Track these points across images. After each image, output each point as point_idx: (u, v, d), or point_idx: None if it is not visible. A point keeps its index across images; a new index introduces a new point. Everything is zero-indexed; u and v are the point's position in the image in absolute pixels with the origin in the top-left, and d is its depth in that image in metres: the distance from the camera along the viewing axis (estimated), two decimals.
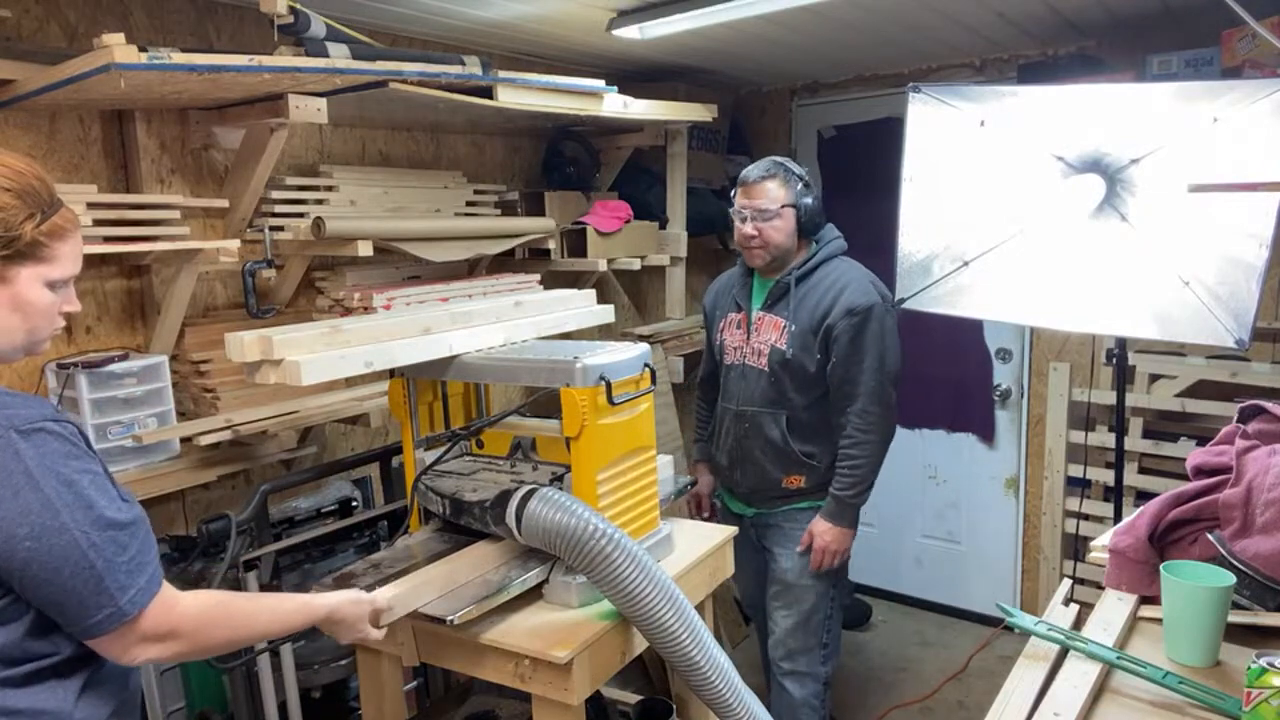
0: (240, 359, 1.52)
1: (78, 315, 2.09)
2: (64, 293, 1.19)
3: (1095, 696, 1.21)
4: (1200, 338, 1.80)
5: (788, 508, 2.39)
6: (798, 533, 2.37)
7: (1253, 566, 1.34)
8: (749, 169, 2.34)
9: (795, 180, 2.30)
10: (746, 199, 2.30)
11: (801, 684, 2.43)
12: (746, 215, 2.29)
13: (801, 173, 2.33)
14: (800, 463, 2.34)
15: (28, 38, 1.98)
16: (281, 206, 2.36)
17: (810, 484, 2.36)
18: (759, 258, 2.32)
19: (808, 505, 2.38)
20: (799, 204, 2.29)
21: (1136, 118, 1.87)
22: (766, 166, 2.31)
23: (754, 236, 2.29)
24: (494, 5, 2.41)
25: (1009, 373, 3.62)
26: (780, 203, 2.27)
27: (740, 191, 2.32)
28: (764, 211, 2.27)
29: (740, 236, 2.32)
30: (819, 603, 2.40)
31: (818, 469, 2.35)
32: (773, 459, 2.35)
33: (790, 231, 2.30)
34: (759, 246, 2.30)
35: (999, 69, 3.41)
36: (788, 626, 2.41)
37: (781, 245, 2.30)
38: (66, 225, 1.16)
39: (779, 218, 2.27)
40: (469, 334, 1.80)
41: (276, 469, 2.44)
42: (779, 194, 2.27)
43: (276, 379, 1.50)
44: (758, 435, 2.35)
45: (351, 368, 1.56)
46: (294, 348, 1.50)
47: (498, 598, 1.58)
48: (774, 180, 2.28)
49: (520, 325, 1.94)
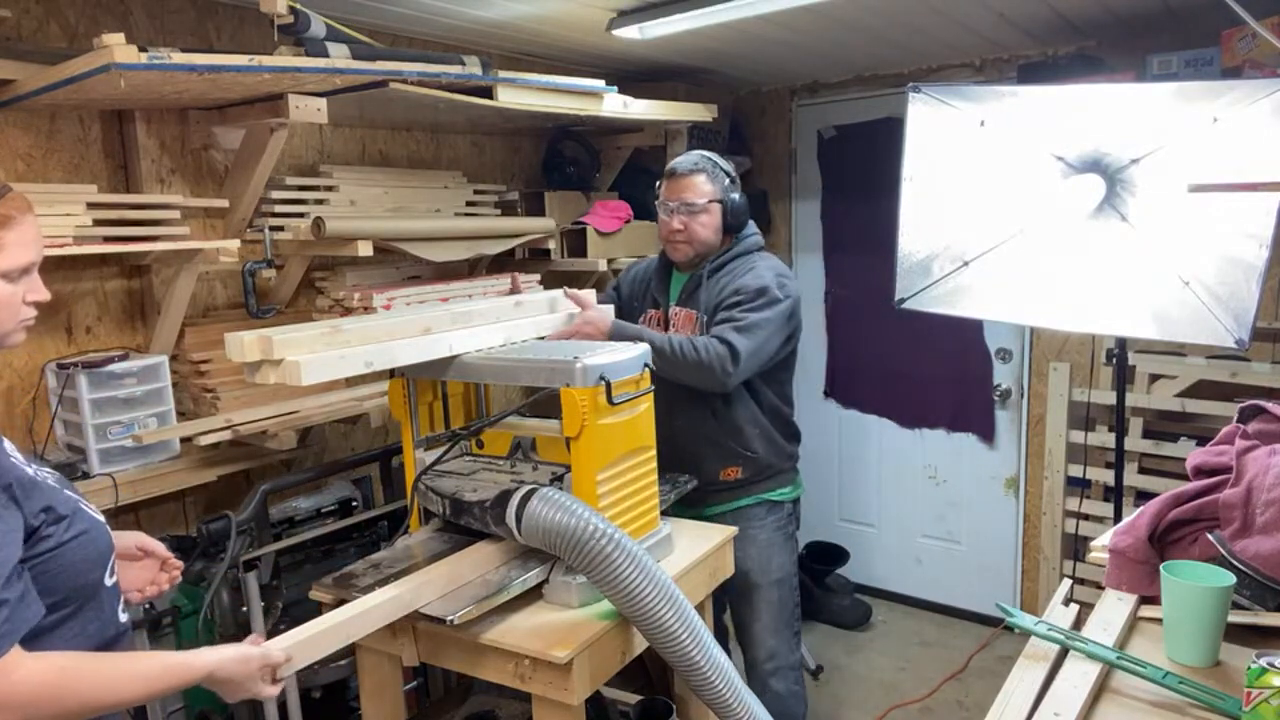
0: (240, 359, 1.51)
1: (74, 314, 2.10)
2: (26, 282, 1.15)
3: (1095, 696, 1.21)
4: (1200, 338, 1.80)
5: (733, 505, 2.34)
6: (752, 531, 2.32)
7: (1253, 566, 1.34)
8: (677, 161, 2.31)
9: (723, 176, 2.28)
10: (673, 192, 2.27)
11: (785, 678, 2.42)
12: (673, 208, 2.26)
13: (729, 168, 2.31)
14: (735, 453, 2.29)
15: (28, 38, 1.98)
16: (281, 206, 2.36)
17: (748, 474, 2.31)
18: (682, 252, 2.30)
19: (752, 500, 2.34)
20: (726, 199, 2.26)
21: (1136, 118, 1.87)
22: (695, 160, 2.28)
23: (679, 230, 2.26)
24: (494, 5, 2.41)
25: (1009, 373, 3.62)
26: (707, 197, 2.24)
27: (667, 184, 2.29)
28: (690, 205, 2.24)
29: (665, 230, 2.30)
30: (788, 594, 2.39)
31: (752, 458, 2.30)
32: (706, 452, 2.29)
33: (716, 227, 2.27)
34: (683, 241, 2.27)
35: (999, 69, 3.41)
36: (766, 626, 2.38)
37: (707, 241, 2.27)
38: (11, 213, 1.12)
39: (706, 213, 2.25)
40: (469, 334, 1.80)
41: (276, 469, 2.45)
42: (707, 189, 2.25)
43: (276, 379, 1.49)
44: (690, 430, 2.29)
45: (351, 368, 1.56)
46: (294, 348, 1.50)
47: (498, 598, 1.58)
48: (702, 174, 2.25)
49: (520, 325, 1.94)
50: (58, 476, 1.22)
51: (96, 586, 1.18)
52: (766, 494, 2.36)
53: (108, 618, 1.20)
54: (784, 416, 2.38)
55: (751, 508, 2.34)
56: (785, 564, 2.39)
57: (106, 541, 1.20)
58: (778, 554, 2.37)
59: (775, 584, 2.36)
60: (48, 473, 1.19)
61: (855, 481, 4.09)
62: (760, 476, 2.33)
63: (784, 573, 2.38)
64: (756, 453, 2.30)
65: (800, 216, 4.01)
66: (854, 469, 4.08)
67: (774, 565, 2.36)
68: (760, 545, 2.35)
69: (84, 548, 1.14)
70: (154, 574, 1.42)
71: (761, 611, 2.37)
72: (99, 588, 1.18)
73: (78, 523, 1.15)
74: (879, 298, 2.30)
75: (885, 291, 2.27)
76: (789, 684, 2.42)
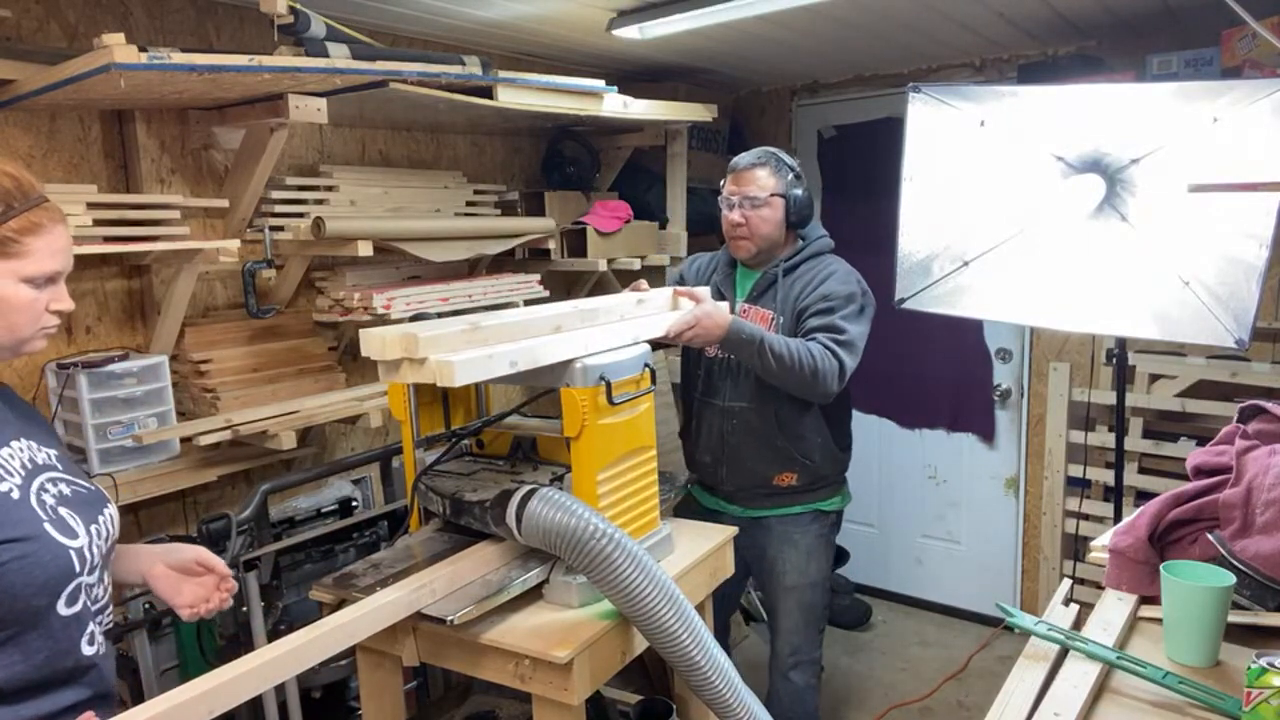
0: (380, 357, 1.46)
1: (74, 314, 2.10)
2: (51, 290, 1.16)
3: (1095, 696, 1.21)
4: (1200, 338, 1.80)
5: (782, 511, 2.34)
6: (796, 536, 2.33)
7: (1253, 566, 1.34)
8: (740, 156, 2.29)
9: (786, 170, 2.26)
10: (736, 185, 2.25)
11: (805, 671, 2.44)
12: (735, 202, 2.24)
13: (793, 164, 2.29)
14: (792, 459, 2.27)
15: (28, 38, 1.98)
16: (281, 206, 2.36)
17: (802, 482, 2.30)
18: (745, 249, 2.28)
19: (801, 509, 2.33)
20: (789, 194, 2.24)
21: (1136, 118, 1.87)
22: (758, 154, 2.26)
23: (741, 224, 2.24)
24: (494, 5, 2.41)
25: (1009, 373, 3.62)
26: (770, 191, 2.22)
27: (730, 178, 2.28)
28: (753, 199, 2.22)
29: (727, 224, 2.28)
30: (820, 597, 2.40)
31: (810, 466, 2.28)
32: (764, 456, 2.28)
33: (778, 222, 2.24)
34: (745, 236, 2.25)
35: (999, 69, 3.41)
36: (796, 624, 2.40)
37: (769, 236, 2.25)
38: (42, 221, 1.13)
39: (767, 206, 2.22)
40: (599, 332, 1.73)
41: (276, 469, 2.45)
42: (769, 182, 2.23)
43: (418, 379, 1.43)
44: (747, 431, 2.28)
45: (499, 367, 1.48)
46: (438, 346, 1.44)
47: (498, 598, 1.58)
48: (764, 168, 2.23)
49: (646, 322, 1.87)
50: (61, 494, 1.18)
51: (40, 613, 1.12)
52: (817, 503, 2.35)
53: (62, 648, 1.15)
54: (844, 427, 2.38)
55: (799, 515, 2.34)
56: (823, 569, 2.40)
57: (61, 568, 1.13)
58: (816, 560, 2.37)
59: (810, 587, 2.38)
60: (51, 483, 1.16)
61: (855, 481, 4.02)
62: (814, 485, 2.33)
63: (820, 576, 2.40)
64: (814, 461, 2.29)
65: None
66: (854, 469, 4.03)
67: (812, 569, 2.37)
68: (802, 551, 2.35)
69: (21, 572, 1.08)
70: (210, 591, 1.38)
71: (794, 611, 2.39)
72: (46, 614, 1.13)
73: (22, 546, 1.09)
74: (879, 298, 2.30)
75: (885, 291, 2.27)
76: (807, 677, 2.45)
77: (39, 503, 1.15)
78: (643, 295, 2.02)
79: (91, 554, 1.18)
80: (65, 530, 1.16)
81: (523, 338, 1.60)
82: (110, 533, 1.24)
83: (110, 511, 1.26)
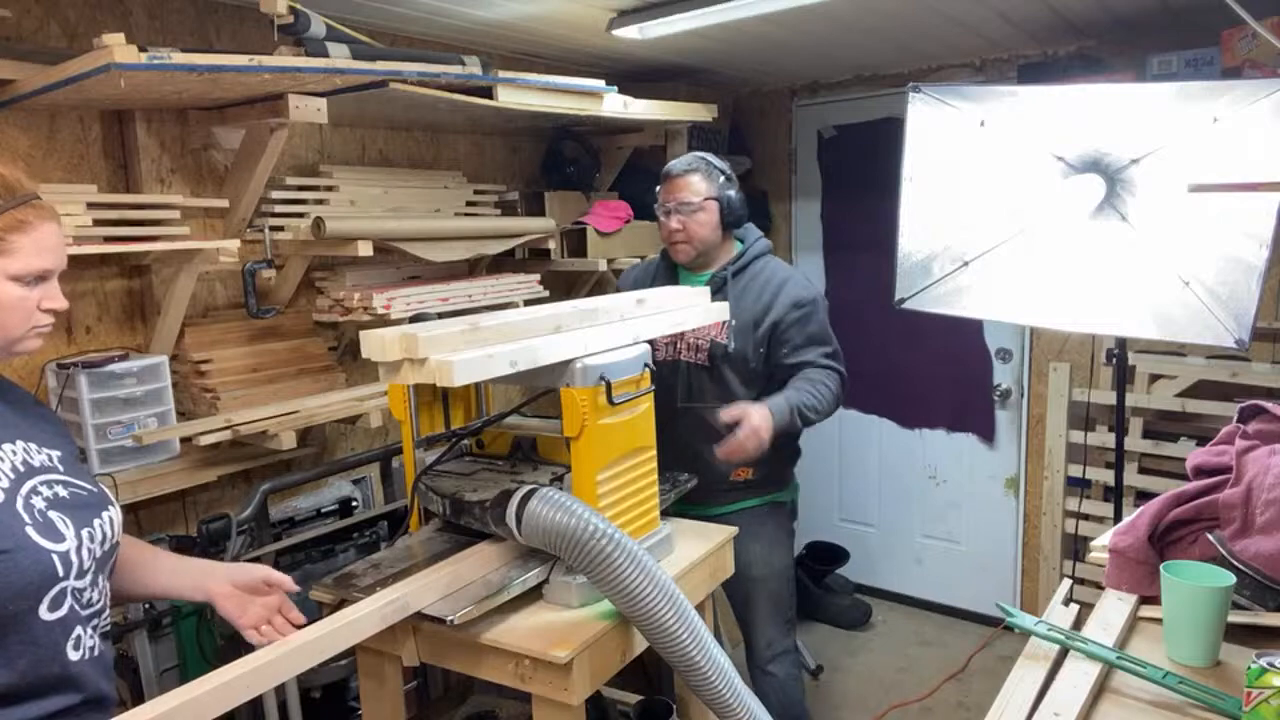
0: (380, 358, 1.46)
1: (74, 314, 2.10)
2: (43, 288, 1.15)
3: (1095, 696, 1.21)
4: (1200, 338, 1.80)
5: (740, 506, 2.38)
6: (757, 528, 2.36)
7: (1253, 566, 1.34)
8: (672, 163, 2.35)
9: (718, 174, 2.31)
10: (670, 193, 2.31)
11: (784, 662, 2.48)
12: (670, 208, 2.30)
13: (724, 166, 2.34)
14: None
15: (28, 38, 1.98)
16: (281, 206, 2.36)
17: (759, 475, 2.35)
18: (684, 253, 2.33)
19: (758, 502, 2.39)
20: (722, 197, 2.29)
21: (1136, 118, 1.87)
22: (689, 161, 2.32)
23: (679, 230, 2.29)
24: (494, 5, 2.41)
25: (1009, 373, 3.62)
26: (703, 195, 2.28)
27: (664, 186, 2.33)
28: (688, 204, 2.27)
29: (665, 231, 2.33)
30: (786, 586, 2.45)
31: (764, 460, 2.29)
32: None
33: (714, 225, 2.30)
34: (683, 241, 2.30)
35: (999, 69, 3.41)
36: (766, 616, 2.44)
37: (706, 239, 2.30)
38: (29, 219, 1.12)
39: (702, 211, 2.28)
40: (599, 332, 1.74)
41: (276, 469, 2.44)
42: (702, 187, 2.28)
43: (418, 379, 1.44)
44: (704, 430, 2.26)
45: (499, 367, 1.49)
46: (438, 346, 1.45)
47: (498, 598, 1.58)
48: (697, 174, 2.29)
49: (646, 323, 1.88)
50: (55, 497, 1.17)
51: (20, 618, 1.10)
52: (772, 495, 2.42)
53: (45, 654, 1.13)
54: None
55: (757, 508, 2.40)
56: (786, 559, 2.47)
57: (42, 573, 1.11)
58: (779, 550, 2.44)
59: (776, 577, 2.43)
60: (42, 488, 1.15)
61: (855, 481, 4.09)
62: (770, 478, 2.39)
63: (784, 566, 2.46)
64: (767, 456, 2.29)
65: (800, 216, 4.01)
66: (854, 469, 4.08)
67: (776, 559, 2.43)
68: (765, 542, 2.40)
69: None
70: (272, 614, 1.41)
71: (763, 603, 2.43)
72: (26, 619, 1.10)
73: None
74: (879, 298, 2.31)
75: (885, 291, 2.27)
76: (788, 668, 2.50)
77: (26, 507, 1.13)
78: (643, 295, 2.03)
79: (80, 557, 1.16)
80: (50, 534, 1.13)
81: (522, 338, 1.60)
82: (109, 535, 1.23)
83: (110, 514, 1.25)
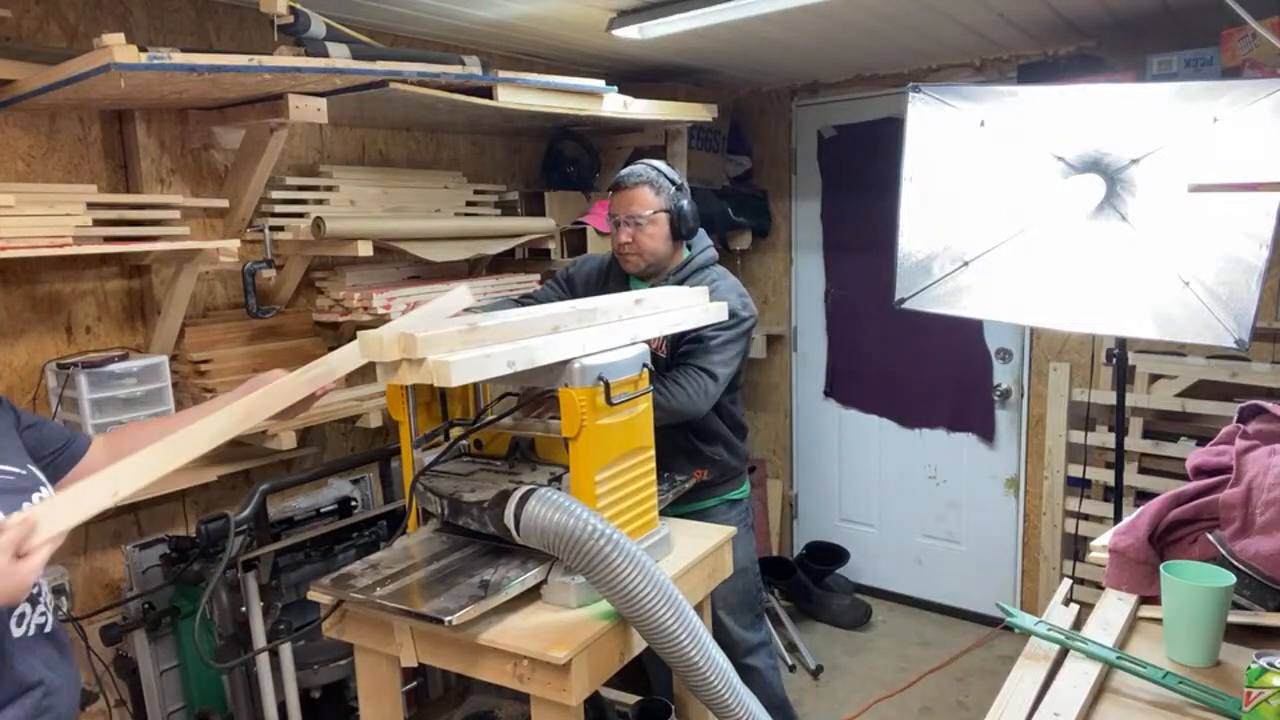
0: (378, 359, 1.46)
1: (74, 314, 2.10)
2: None
3: (1095, 696, 1.21)
4: (1200, 338, 1.80)
5: (699, 505, 2.39)
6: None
7: (1253, 566, 1.34)
8: (622, 174, 2.34)
9: (668, 185, 2.30)
10: (620, 206, 2.29)
11: (760, 654, 2.50)
12: (620, 220, 2.29)
13: (674, 176, 2.33)
14: (704, 456, 2.36)
15: (28, 38, 1.98)
16: (281, 206, 2.36)
17: (714, 476, 2.38)
18: (634, 264, 2.32)
19: (715, 501, 2.42)
20: (673, 208, 2.29)
21: (1136, 118, 1.87)
22: (639, 172, 2.30)
23: (629, 243, 2.28)
24: (494, 5, 2.41)
25: (1009, 373, 3.62)
26: (653, 208, 2.27)
27: (614, 198, 2.32)
28: (637, 217, 2.26)
29: (615, 243, 2.33)
30: (751, 581, 2.48)
31: (719, 461, 2.37)
32: (678, 456, 2.34)
33: (665, 237, 2.30)
34: (634, 253, 2.29)
35: (999, 69, 3.41)
36: (734, 610, 2.47)
37: (656, 251, 2.30)
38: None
39: (653, 224, 2.27)
40: (597, 332, 1.73)
41: (276, 469, 2.45)
42: (651, 200, 2.27)
43: (417, 379, 1.43)
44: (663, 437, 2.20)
45: (496, 368, 1.48)
46: (436, 346, 1.44)
47: (496, 598, 1.57)
48: (646, 186, 2.28)
49: (642, 324, 1.88)
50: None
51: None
52: (728, 494, 2.47)
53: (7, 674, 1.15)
54: (741, 424, 2.49)
55: (716, 507, 2.44)
56: (748, 553, 2.50)
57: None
58: (741, 545, 2.44)
59: (741, 572, 2.43)
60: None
61: (855, 481, 4.09)
62: (724, 478, 2.43)
63: (748, 561, 2.49)
64: (722, 457, 2.40)
65: (800, 216, 4.01)
66: (854, 469, 4.08)
67: (739, 555, 2.41)
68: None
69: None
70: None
71: (730, 596, 2.45)
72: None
73: None
74: (879, 297, 2.31)
75: (885, 291, 2.27)
76: (765, 659, 2.54)
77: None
78: (640, 294, 2.03)
79: None
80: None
81: (521, 338, 1.60)
82: None
83: (41, 496, 1.26)
